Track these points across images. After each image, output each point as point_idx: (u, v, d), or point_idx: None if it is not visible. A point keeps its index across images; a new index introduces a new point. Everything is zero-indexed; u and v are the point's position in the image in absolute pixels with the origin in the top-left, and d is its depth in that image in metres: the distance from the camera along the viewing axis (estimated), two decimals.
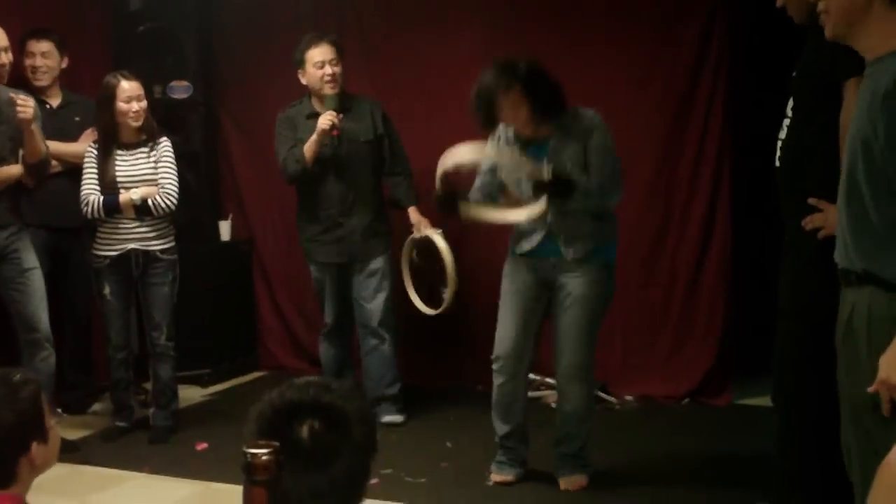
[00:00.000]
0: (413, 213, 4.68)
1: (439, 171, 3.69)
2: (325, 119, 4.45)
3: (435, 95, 5.31)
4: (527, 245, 3.78)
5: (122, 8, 5.60)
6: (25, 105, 3.96)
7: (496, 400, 3.91)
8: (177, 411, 4.69)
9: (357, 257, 4.67)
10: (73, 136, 4.75)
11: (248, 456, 1.31)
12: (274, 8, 5.55)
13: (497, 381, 3.88)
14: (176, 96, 5.47)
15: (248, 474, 1.32)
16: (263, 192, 5.79)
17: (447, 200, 3.75)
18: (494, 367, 3.88)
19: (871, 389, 2.28)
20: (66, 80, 4.91)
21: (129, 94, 4.39)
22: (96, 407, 5.06)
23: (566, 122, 3.69)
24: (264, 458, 1.31)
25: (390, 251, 4.73)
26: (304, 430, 1.56)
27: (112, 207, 4.39)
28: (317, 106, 4.62)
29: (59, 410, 4.70)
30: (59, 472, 4.05)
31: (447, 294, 4.37)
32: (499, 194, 3.84)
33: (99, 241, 4.49)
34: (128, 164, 4.44)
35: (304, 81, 4.63)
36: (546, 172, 3.53)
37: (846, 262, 2.37)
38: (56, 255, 4.73)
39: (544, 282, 3.79)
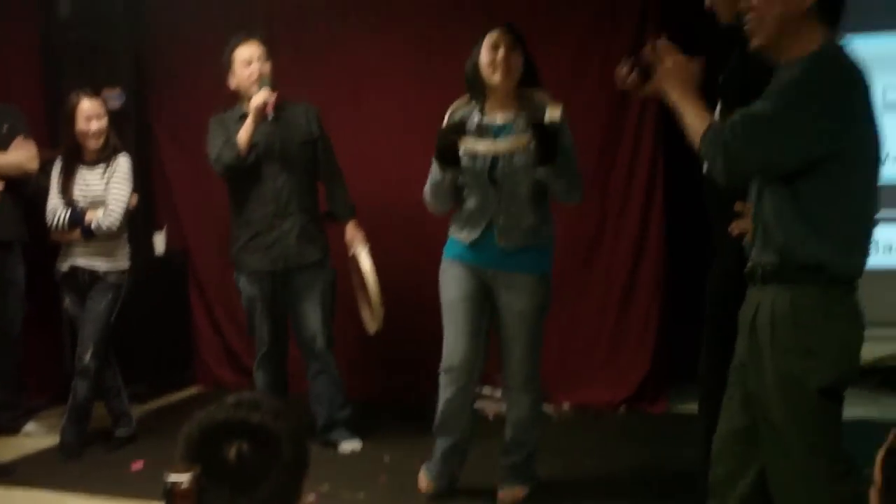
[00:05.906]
0: (349, 229, 4.53)
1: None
2: (259, 96, 4.28)
3: (364, 95, 5.35)
4: (470, 235, 3.69)
5: (50, 17, 5.49)
6: None
7: (444, 412, 3.80)
8: (86, 432, 4.62)
9: (291, 264, 4.44)
10: (2, 146, 4.65)
11: (168, 484, 1.30)
12: (204, 16, 5.48)
13: (446, 393, 3.77)
14: (109, 106, 5.36)
15: (169, 501, 1.30)
16: (197, 203, 5.73)
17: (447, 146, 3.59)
18: (444, 379, 3.76)
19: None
20: None
21: (89, 113, 4.46)
22: (29, 427, 4.93)
23: (527, 105, 3.68)
24: (184, 486, 1.30)
25: (328, 263, 4.55)
26: (232, 453, 1.54)
27: (76, 222, 4.42)
28: (248, 109, 4.41)
29: None
30: None
31: (374, 315, 4.33)
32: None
33: (60, 254, 4.56)
34: (84, 182, 4.48)
35: (233, 85, 4.46)
36: (553, 113, 3.55)
37: (754, 258, 2.49)
38: None
39: (486, 291, 3.75)
